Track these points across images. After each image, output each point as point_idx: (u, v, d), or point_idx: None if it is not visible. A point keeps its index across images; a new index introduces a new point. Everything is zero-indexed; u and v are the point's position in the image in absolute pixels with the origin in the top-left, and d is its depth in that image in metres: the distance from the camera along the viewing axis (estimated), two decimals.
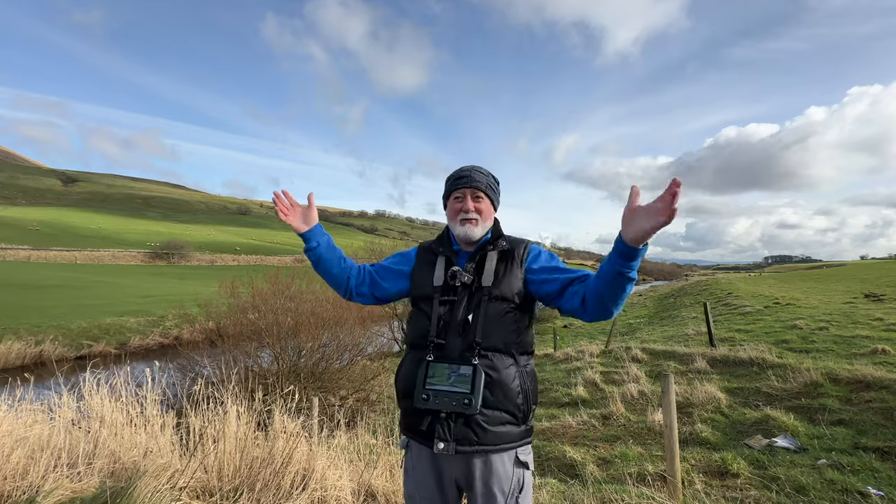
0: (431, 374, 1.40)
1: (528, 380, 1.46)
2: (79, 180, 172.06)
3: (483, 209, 1.57)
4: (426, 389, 1.38)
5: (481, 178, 1.58)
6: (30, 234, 68.08)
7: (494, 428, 1.38)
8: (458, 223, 1.56)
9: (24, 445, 2.74)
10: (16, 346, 15.06)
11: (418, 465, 1.48)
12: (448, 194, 1.63)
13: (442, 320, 1.46)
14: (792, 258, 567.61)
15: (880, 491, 3.11)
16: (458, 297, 1.47)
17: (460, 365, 1.38)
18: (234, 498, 2.43)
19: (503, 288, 1.46)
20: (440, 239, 1.65)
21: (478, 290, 1.47)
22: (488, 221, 1.59)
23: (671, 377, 3.25)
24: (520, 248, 1.54)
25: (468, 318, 1.43)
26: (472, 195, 1.56)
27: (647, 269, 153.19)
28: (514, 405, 1.40)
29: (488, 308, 1.43)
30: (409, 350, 1.56)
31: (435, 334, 1.44)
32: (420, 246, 1.72)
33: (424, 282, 1.56)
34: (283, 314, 9.79)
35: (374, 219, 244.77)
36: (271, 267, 26.84)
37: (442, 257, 1.58)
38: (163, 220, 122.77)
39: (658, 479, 3.51)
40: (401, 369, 1.55)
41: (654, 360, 8.16)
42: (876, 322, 9.72)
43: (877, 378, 5.17)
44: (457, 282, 1.47)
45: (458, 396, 1.34)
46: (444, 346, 1.43)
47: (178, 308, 17.47)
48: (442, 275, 1.53)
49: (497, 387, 1.38)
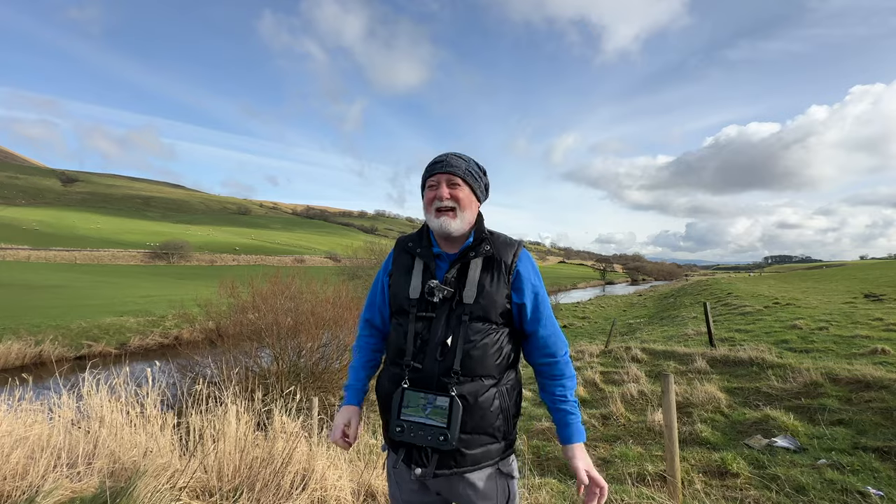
0: (406, 402, 1.31)
1: (508, 398, 1.36)
2: (78, 180, 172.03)
3: (461, 197, 1.38)
4: (400, 420, 1.30)
5: (459, 164, 1.40)
6: (29, 234, 68.08)
7: (473, 451, 1.31)
8: (433, 214, 1.38)
9: (24, 445, 2.74)
10: (16, 346, 15.06)
11: (399, 470, 1.43)
12: (423, 183, 1.45)
13: (419, 339, 1.34)
14: (792, 258, 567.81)
15: (880, 491, 3.12)
16: (437, 313, 1.33)
17: (437, 395, 1.28)
18: (233, 498, 2.43)
19: (486, 306, 1.32)
20: (420, 235, 1.48)
21: (458, 305, 1.33)
22: (468, 212, 1.40)
23: (671, 377, 3.25)
24: (508, 254, 1.39)
25: (447, 341, 1.31)
26: (447, 181, 1.39)
27: (647, 269, 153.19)
28: (492, 427, 1.32)
29: (469, 329, 1.31)
30: (388, 364, 1.45)
31: (411, 357, 1.33)
32: (397, 244, 1.53)
33: (400, 292, 1.41)
34: (282, 314, 9.79)
35: (374, 219, 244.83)
36: (271, 267, 26.84)
37: (420, 262, 1.42)
38: (162, 220, 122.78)
39: (658, 479, 3.51)
40: (379, 382, 1.47)
41: (653, 360, 8.16)
42: (876, 322, 9.72)
43: (876, 378, 5.18)
44: (434, 298, 1.33)
45: (434, 431, 1.26)
46: (421, 370, 1.32)
47: (177, 308, 17.47)
48: (419, 285, 1.38)
49: (475, 411, 1.29)
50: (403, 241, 1.52)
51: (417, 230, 1.52)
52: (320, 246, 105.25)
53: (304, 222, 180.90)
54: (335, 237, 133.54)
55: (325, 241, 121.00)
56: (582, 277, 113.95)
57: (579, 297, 51.94)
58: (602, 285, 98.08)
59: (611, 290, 76.14)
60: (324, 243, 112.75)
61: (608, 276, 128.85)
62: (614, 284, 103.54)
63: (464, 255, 1.39)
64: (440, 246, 1.44)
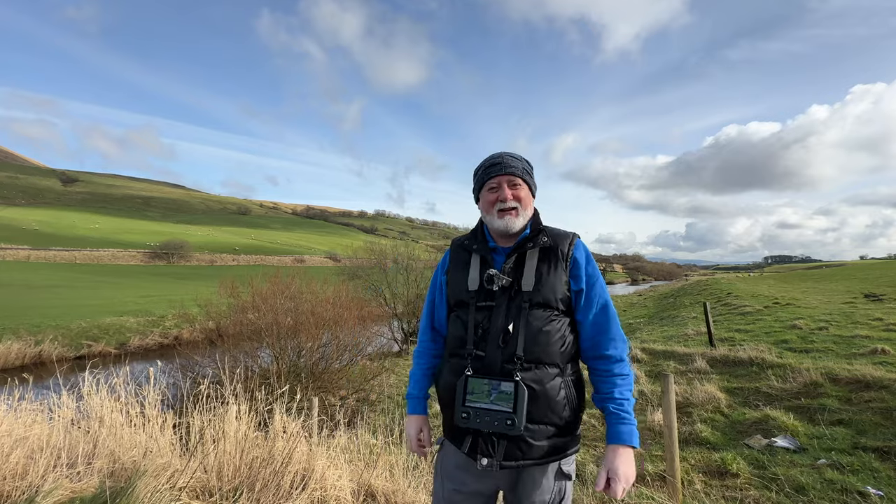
0: (471, 389, 1.31)
1: (574, 389, 1.37)
2: (78, 180, 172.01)
3: (522, 196, 1.42)
4: (466, 407, 1.30)
5: (516, 164, 1.44)
6: (29, 234, 68.07)
7: (540, 442, 1.30)
8: (497, 215, 1.41)
9: (24, 445, 2.74)
10: (15, 345, 15.06)
11: (451, 465, 1.42)
12: (480, 185, 1.47)
13: (480, 328, 1.35)
14: (792, 258, 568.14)
15: (880, 491, 3.12)
16: (497, 302, 1.35)
17: (501, 381, 1.28)
18: (233, 498, 2.43)
19: (546, 293, 1.33)
20: (474, 234, 1.51)
21: (517, 294, 1.34)
22: (528, 210, 1.44)
23: (671, 377, 3.25)
24: (564, 243, 1.40)
25: (508, 328, 1.32)
26: (508, 182, 1.42)
27: (647, 269, 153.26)
28: (559, 417, 1.32)
29: (530, 316, 1.32)
30: (448, 357, 1.45)
31: (473, 345, 1.34)
32: (453, 243, 1.57)
33: (459, 285, 1.44)
34: (282, 314, 9.79)
35: (374, 219, 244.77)
36: (271, 267, 26.84)
37: (477, 256, 1.44)
38: (162, 220, 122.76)
39: (658, 479, 3.51)
40: (440, 377, 1.48)
41: (653, 360, 8.16)
42: (875, 322, 9.72)
43: (876, 378, 5.18)
44: (494, 286, 1.35)
45: (500, 416, 1.26)
46: (484, 359, 1.32)
47: (177, 308, 17.47)
48: (477, 277, 1.40)
49: (541, 400, 1.29)
50: (459, 240, 1.55)
51: (472, 230, 1.55)
52: (320, 246, 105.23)
53: (304, 222, 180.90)
54: (335, 237, 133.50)
55: (325, 241, 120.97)
56: None
57: None
58: None
59: (611, 290, 75.93)
60: (324, 243, 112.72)
61: (608, 276, 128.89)
62: (614, 284, 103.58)
63: (521, 246, 1.40)
64: (496, 241, 1.48)
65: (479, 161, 1.53)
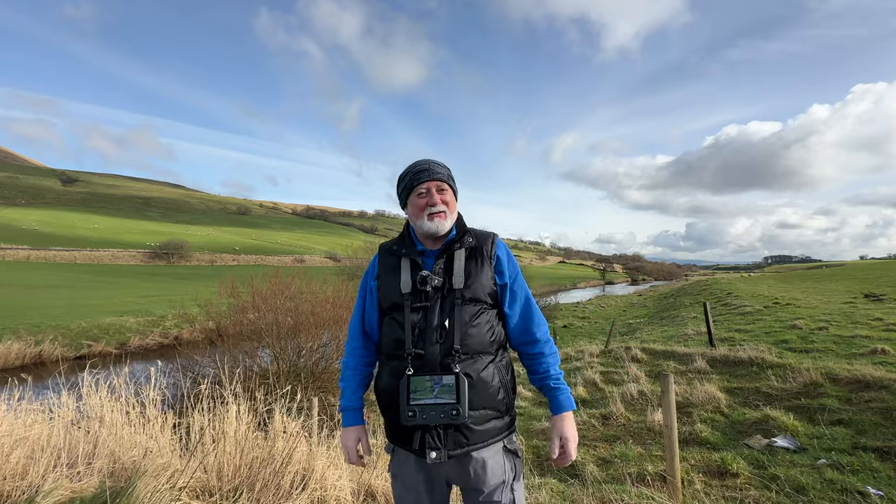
0: (414, 388, 1.35)
1: (505, 373, 1.46)
2: (78, 180, 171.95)
3: (449, 201, 1.52)
4: (411, 405, 1.34)
5: (442, 170, 1.54)
6: (29, 234, 68.06)
7: (481, 427, 1.38)
8: (426, 218, 1.48)
9: (24, 445, 2.74)
10: (15, 346, 15.07)
11: (406, 470, 1.46)
12: (409, 191, 1.54)
13: (417, 328, 1.40)
14: (792, 258, 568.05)
15: (880, 491, 3.12)
16: (430, 301, 1.41)
17: (442, 375, 1.35)
18: (233, 498, 2.43)
19: (475, 289, 1.43)
20: (402, 238, 1.58)
21: (449, 292, 1.42)
22: (454, 213, 1.54)
23: (671, 377, 3.25)
24: (487, 243, 1.51)
25: (444, 324, 1.39)
26: (436, 188, 1.51)
27: (647, 269, 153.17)
28: (495, 401, 1.41)
29: (462, 311, 1.40)
30: (386, 360, 1.49)
31: (412, 344, 1.39)
32: (381, 249, 1.63)
33: (391, 289, 1.49)
34: (282, 314, 9.80)
35: (374, 219, 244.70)
36: (271, 267, 26.83)
37: (406, 259, 1.50)
38: (162, 220, 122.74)
39: (658, 479, 3.51)
40: (379, 380, 1.50)
41: (653, 360, 8.16)
42: (875, 322, 9.73)
43: (876, 378, 5.18)
44: (427, 287, 1.42)
45: (446, 408, 1.32)
46: (424, 356, 1.37)
47: (177, 308, 17.48)
48: (409, 279, 1.46)
49: (479, 387, 1.38)
50: (386, 245, 1.62)
51: (399, 235, 1.61)
52: (320, 246, 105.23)
53: (304, 222, 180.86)
54: (335, 237, 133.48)
55: (325, 241, 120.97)
56: (582, 277, 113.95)
57: (579, 297, 51.96)
58: (602, 285, 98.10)
59: (611, 290, 76.13)
60: (324, 243, 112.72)
61: (608, 276, 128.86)
62: (614, 284, 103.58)
63: (448, 247, 1.50)
64: (423, 244, 1.55)
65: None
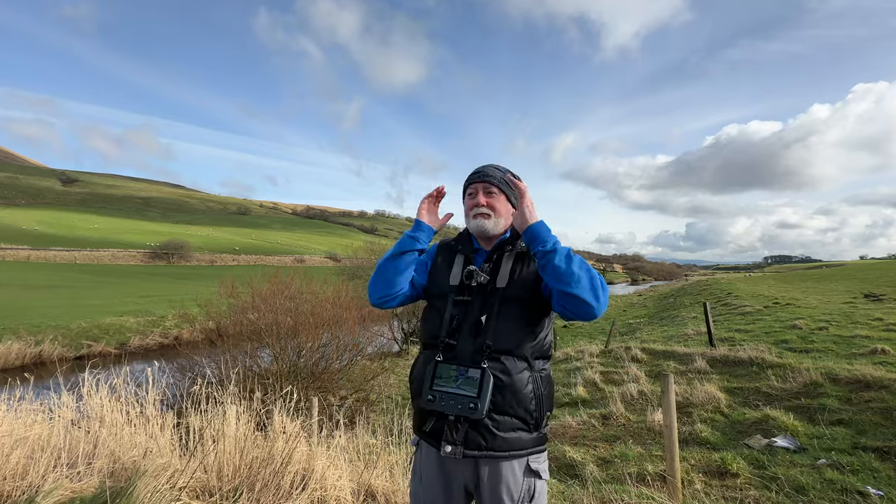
0: (439, 374, 1.38)
1: (542, 385, 1.41)
2: (78, 180, 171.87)
3: (496, 205, 1.54)
4: (432, 390, 1.37)
5: (495, 173, 1.57)
6: (29, 235, 68.06)
7: (504, 434, 1.34)
8: (471, 217, 1.55)
9: (24, 445, 2.74)
10: (16, 346, 15.06)
11: (426, 466, 1.46)
12: (464, 191, 1.63)
13: (455, 320, 1.44)
14: (792, 258, 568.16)
15: (880, 491, 3.12)
16: (473, 297, 1.45)
17: (469, 367, 1.36)
18: (233, 498, 2.43)
19: (518, 290, 1.43)
20: (461, 236, 1.64)
21: (493, 291, 1.44)
22: (502, 218, 1.55)
23: (671, 377, 3.25)
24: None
25: (481, 320, 1.40)
26: (483, 190, 1.55)
27: (647, 269, 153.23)
28: (525, 411, 1.36)
29: (502, 310, 1.41)
30: (422, 349, 1.54)
31: (446, 334, 1.43)
32: (440, 242, 1.70)
33: (441, 280, 1.55)
34: (282, 314, 9.79)
35: (374, 219, 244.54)
36: (271, 267, 26.83)
37: (461, 255, 1.57)
38: (162, 220, 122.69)
39: (658, 479, 3.51)
40: (414, 368, 1.54)
41: (653, 360, 8.16)
42: (875, 322, 9.72)
43: (876, 378, 5.18)
44: (472, 282, 1.45)
45: (464, 400, 1.32)
46: (455, 348, 1.41)
47: (177, 308, 17.47)
48: (459, 273, 1.51)
49: (508, 391, 1.34)
50: (446, 241, 1.69)
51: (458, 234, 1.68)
52: (320, 246, 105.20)
53: (303, 222, 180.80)
54: (335, 237, 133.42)
55: (325, 241, 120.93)
56: None
57: None
58: None
59: (610, 290, 75.78)
60: (324, 243, 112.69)
61: (608, 276, 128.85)
62: (614, 284, 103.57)
63: (499, 248, 1.53)
64: (479, 244, 1.60)
65: (476, 165, 1.66)
